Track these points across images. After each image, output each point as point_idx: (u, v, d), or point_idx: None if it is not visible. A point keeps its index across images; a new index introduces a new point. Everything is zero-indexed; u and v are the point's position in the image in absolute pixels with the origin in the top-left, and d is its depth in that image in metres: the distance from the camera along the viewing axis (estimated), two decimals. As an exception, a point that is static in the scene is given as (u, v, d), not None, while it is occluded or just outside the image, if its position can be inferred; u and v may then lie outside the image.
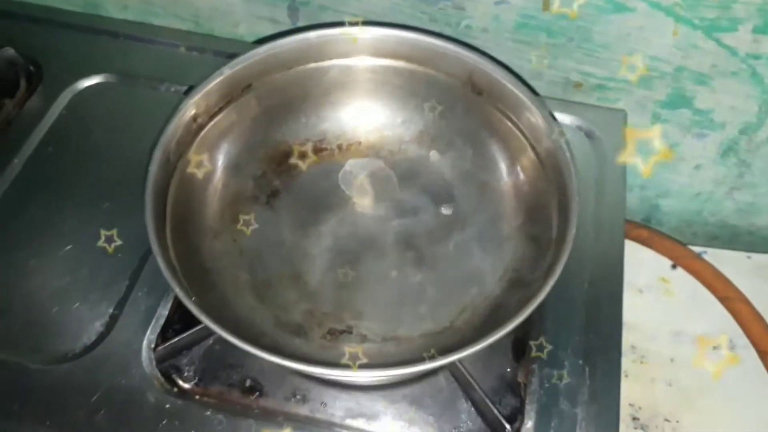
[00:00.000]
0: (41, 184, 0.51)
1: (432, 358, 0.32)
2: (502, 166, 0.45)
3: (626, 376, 0.62)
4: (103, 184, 0.51)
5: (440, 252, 0.44)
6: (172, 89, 0.56)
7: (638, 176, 0.67)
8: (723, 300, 0.61)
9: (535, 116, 0.41)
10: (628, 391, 0.62)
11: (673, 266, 0.67)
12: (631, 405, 0.60)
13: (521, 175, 0.43)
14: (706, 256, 0.66)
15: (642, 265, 0.67)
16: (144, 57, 0.58)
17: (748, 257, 0.67)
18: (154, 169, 0.38)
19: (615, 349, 0.46)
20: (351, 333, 0.41)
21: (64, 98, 0.55)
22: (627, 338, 0.63)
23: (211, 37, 0.62)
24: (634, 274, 0.66)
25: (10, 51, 0.56)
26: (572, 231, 0.36)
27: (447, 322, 0.41)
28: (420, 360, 0.32)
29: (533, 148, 0.42)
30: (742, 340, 0.61)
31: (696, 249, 0.67)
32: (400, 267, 0.44)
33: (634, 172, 0.66)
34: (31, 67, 0.57)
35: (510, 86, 0.42)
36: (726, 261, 0.66)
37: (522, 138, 0.43)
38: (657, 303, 0.65)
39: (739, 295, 0.60)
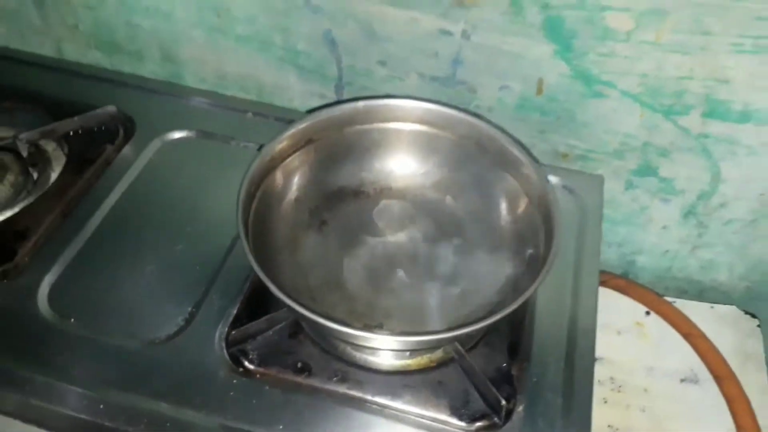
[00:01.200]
0: (136, 213, 0.63)
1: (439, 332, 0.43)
2: (503, 208, 0.58)
3: (605, 402, 0.71)
4: (184, 216, 0.63)
5: (452, 271, 0.56)
6: (241, 145, 0.69)
7: (616, 235, 0.79)
8: (686, 336, 0.71)
9: (528, 170, 0.55)
10: (607, 415, 0.71)
11: (647, 313, 0.78)
12: (609, 426, 0.70)
13: (517, 214, 0.56)
14: (675, 305, 0.78)
15: (620, 311, 0.78)
16: (218, 119, 0.72)
17: (711, 307, 0.78)
18: (243, 192, 0.51)
19: (588, 364, 0.54)
20: (382, 328, 0.53)
21: (153, 147, 0.69)
22: (607, 372, 0.74)
23: (271, 106, 0.76)
24: (613, 318, 0.77)
25: (112, 108, 0.70)
26: (556, 249, 0.48)
27: (458, 322, 0.52)
28: (430, 333, 0.43)
29: (526, 194, 0.55)
30: (705, 372, 0.71)
31: (667, 299, 0.79)
32: (421, 281, 0.56)
33: (612, 232, 0.79)
34: (128, 122, 0.70)
35: (509, 147, 0.56)
36: (693, 310, 0.77)
37: (518, 186, 0.56)
38: (633, 343, 0.76)
39: (699, 333, 0.71)
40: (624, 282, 0.79)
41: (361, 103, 0.59)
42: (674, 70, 0.61)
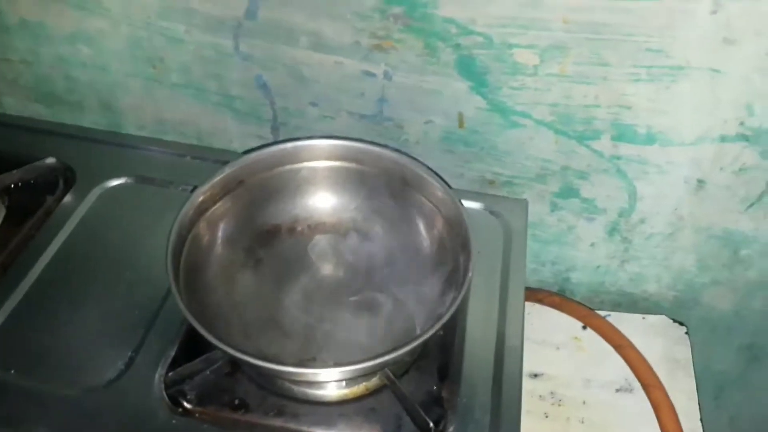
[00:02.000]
0: (76, 261, 0.64)
1: (367, 360, 0.46)
2: (424, 234, 0.61)
3: (546, 416, 0.74)
4: (123, 261, 0.65)
5: (383, 299, 0.59)
6: (180, 188, 0.70)
7: (549, 254, 0.83)
8: (617, 348, 0.75)
9: (443, 197, 0.58)
10: (549, 429, 0.74)
11: (584, 327, 0.81)
12: (550, 439, 0.73)
13: (436, 238, 0.60)
14: (609, 318, 0.81)
15: (557, 327, 0.81)
16: (157, 164, 0.74)
17: (643, 318, 0.82)
18: (173, 238, 0.53)
19: (515, 382, 0.57)
20: (315, 361, 0.55)
21: (93, 196, 0.70)
22: (547, 387, 0.77)
23: (210, 149, 0.78)
24: (550, 334, 0.81)
25: (51, 159, 0.71)
26: (470, 272, 0.51)
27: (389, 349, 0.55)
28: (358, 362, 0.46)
29: (444, 218, 0.58)
30: (637, 382, 0.75)
31: (602, 313, 0.82)
32: (354, 313, 0.58)
33: (545, 251, 0.83)
34: (68, 172, 0.72)
35: (427, 177, 0.59)
36: (626, 321, 0.81)
37: (436, 211, 0.59)
38: (571, 357, 0.79)
39: (628, 343, 0.75)
40: (559, 299, 0.82)
41: (289, 144, 0.62)
42: (581, 99, 0.66)
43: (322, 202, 0.65)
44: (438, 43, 0.64)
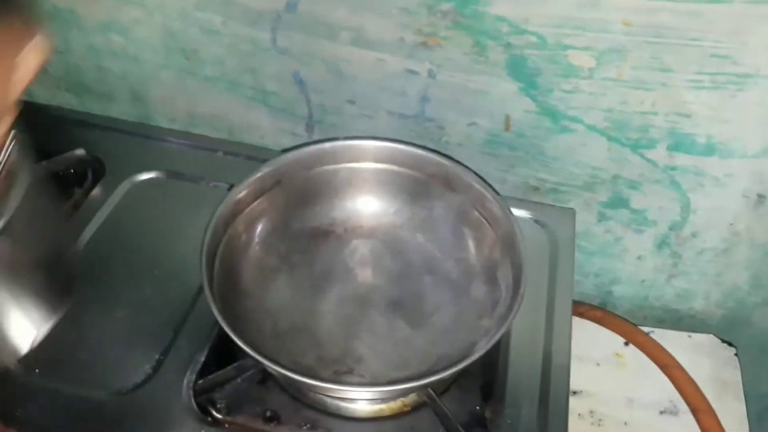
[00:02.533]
0: (104, 257, 0.62)
1: (408, 380, 0.43)
2: (471, 245, 0.58)
3: (586, 436, 0.71)
4: (152, 259, 0.62)
5: (424, 311, 0.56)
6: (211, 184, 0.68)
7: (593, 266, 0.79)
8: (662, 367, 0.71)
9: (494, 206, 0.55)
10: (588, 449, 0.71)
11: (626, 343, 0.77)
12: (590, 461, 0.69)
13: (485, 251, 0.56)
14: (653, 335, 0.77)
15: (598, 342, 0.78)
16: (187, 158, 0.72)
17: (689, 336, 0.78)
18: (208, 237, 0.51)
19: (563, 401, 0.54)
20: (352, 374, 0.52)
21: (122, 189, 0.68)
22: (586, 404, 0.73)
23: (242, 144, 0.76)
24: (591, 349, 0.77)
25: (81, 151, 0.69)
26: (523, 290, 0.48)
27: (429, 365, 0.52)
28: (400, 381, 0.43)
29: (493, 230, 0.55)
30: (684, 404, 0.71)
31: (645, 329, 0.78)
32: (393, 324, 0.55)
33: (588, 262, 0.79)
34: (96, 164, 0.70)
35: (474, 183, 0.56)
36: (670, 339, 0.77)
37: (485, 222, 0.56)
38: (612, 374, 0.75)
39: (675, 363, 0.71)
40: (601, 313, 0.79)
41: (328, 144, 0.59)
42: (638, 105, 0.62)
43: (362, 205, 0.62)
44: (488, 41, 0.61)
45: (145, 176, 0.70)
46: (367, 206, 0.62)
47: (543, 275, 0.63)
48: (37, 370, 0.53)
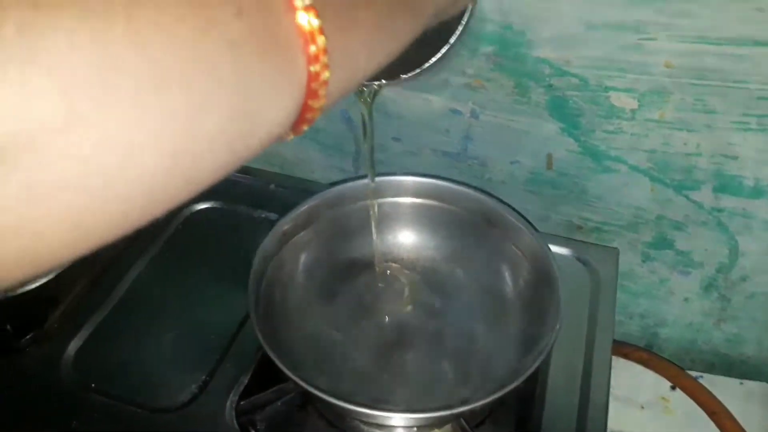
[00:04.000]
0: (159, 281, 0.66)
1: (443, 408, 0.44)
2: (509, 280, 0.59)
3: (627, 482, 0.69)
4: (204, 284, 0.66)
5: (461, 345, 0.57)
6: (263, 215, 0.72)
7: (638, 307, 0.78)
8: (711, 415, 0.69)
9: (532, 242, 0.56)
10: (629, 497, 0.69)
11: (672, 387, 0.76)
12: (631, 508, 0.67)
13: (522, 286, 0.57)
14: (702, 381, 0.75)
15: (643, 385, 0.76)
16: (243, 190, 0.75)
17: (741, 383, 0.76)
18: (256, 264, 0.54)
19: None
20: (388, 402, 0.53)
21: (181, 216, 0.72)
22: (630, 449, 0.72)
23: (293, 178, 0.80)
24: (636, 392, 0.76)
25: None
26: (559, 323, 0.49)
27: (464, 397, 0.52)
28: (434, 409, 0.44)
29: (531, 265, 0.56)
30: (732, 455, 0.69)
31: (693, 374, 0.76)
32: (429, 356, 0.57)
33: (633, 303, 0.78)
34: (158, 194, 0.75)
35: (514, 221, 0.57)
36: (720, 385, 0.75)
37: (523, 258, 0.57)
38: (657, 419, 0.74)
39: (726, 412, 0.68)
40: (647, 354, 0.77)
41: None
42: (681, 147, 0.62)
43: (402, 238, 0.64)
44: (530, 83, 0.63)
45: (203, 205, 0.74)
46: (407, 240, 0.64)
47: (583, 313, 0.63)
48: (93, 384, 0.57)
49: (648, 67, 0.58)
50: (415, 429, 0.53)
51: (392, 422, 0.47)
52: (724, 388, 0.74)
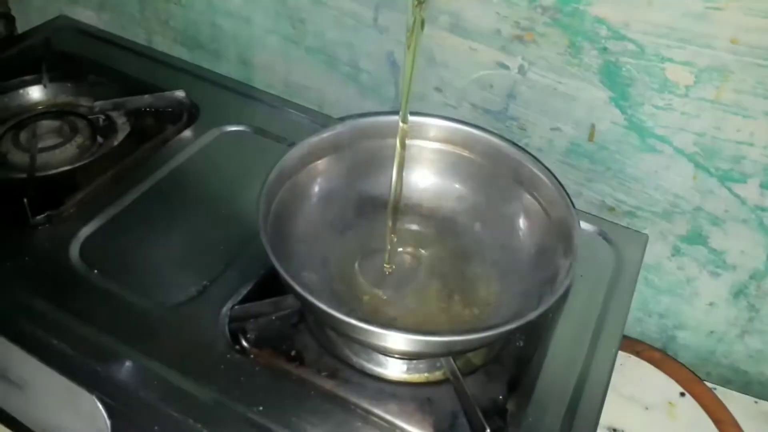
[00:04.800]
0: (179, 189, 0.66)
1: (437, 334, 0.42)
2: (526, 238, 0.57)
3: (618, 479, 0.66)
4: (222, 199, 0.66)
5: (470, 288, 0.55)
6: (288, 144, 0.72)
7: (659, 305, 0.75)
8: (717, 423, 0.65)
9: (555, 196, 0.54)
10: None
11: (682, 394, 0.72)
12: (618, 505, 0.64)
13: (539, 239, 0.55)
14: (716, 392, 0.71)
15: (652, 386, 0.72)
16: (277, 120, 0.75)
17: (756, 402, 0.71)
18: (270, 179, 0.53)
19: (593, 415, 0.51)
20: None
21: (210, 135, 0.73)
22: (625, 447, 0.68)
23: (329, 117, 0.78)
24: (642, 392, 0.72)
25: (181, 93, 0.74)
26: (569, 275, 0.46)
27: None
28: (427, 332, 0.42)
29: (551, 219, 0.54)
30: (734, 468, 0.65)
31: (708, 385, 0.72)
32: (436, 300, 0.55)
33: (654, 300, 0.75)
34: (193, 108, 0.74)
35: (542, 176, 0.55)
36: (734, 401, 0.71)
37: (547, 220, 0.55)
38: (660, 422, 0.70)
39: (732, 421, 0.65)
40: (660, 355, 0.74)
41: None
42: (733, 133, 0.59)
43: (425, 183, 0.62)
44: (584, 43, 0.60)
45: (234, 128, 0.74)
46: (431, 186, 0.62)
47: (599, 291, 0.60)
48: (96, 271, 0.57)
49: (711, 40, 0.55)
50: (405, 366, 0.52)
51: (384, 342, 0.45)
52: (737, 405, 0.70)
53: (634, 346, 0.75)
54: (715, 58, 0.56)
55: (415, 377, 0.51)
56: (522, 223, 0.58)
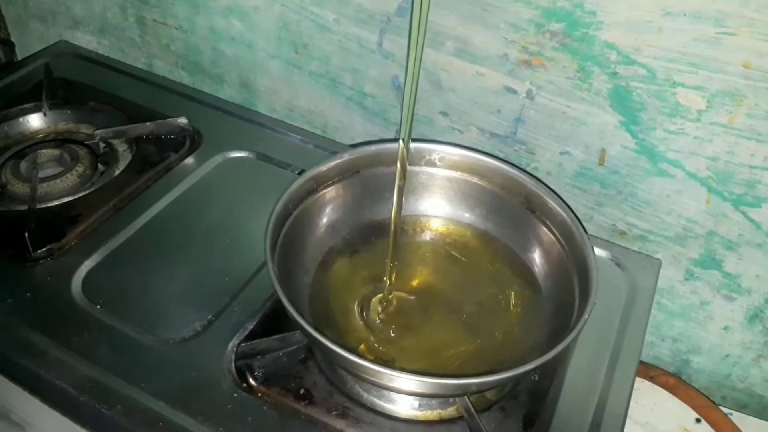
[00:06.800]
0: (183, 218, 0.65)
1: (452, 376, 0.41)
2: (541, 266, 0.55)
3: None
4: (226, 229, 0.64)
5: (481, 322, 0.53)
6: (297, 172, 0.70)
7: (672, 329, 0.73)
8: (736, 452, 0.64)
9: (572, 230, 0.52)
10: None
11: (698, 420, 0.70)
12: None
13: (556, 275, 0.53)
14: (732, 417, 0.70)
15: (667, 413, 0.71)
16: (280, 146, 0.74)
17: (773, 428, 0.70)
18: (278, 208, 0.52)
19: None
20: (393, 365, 0.50)
21: (213, 162, 0.71)
22: (641, 476, 0.67)
23: (333, 141, 0.77)
24: (657, 419, 0.71)
25: (183, 119, 0.73)
26: (586, 313, 0.45)
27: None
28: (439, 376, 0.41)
29: (568, 255, 0.52)
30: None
31: (724, 410, 0.71)
32: (445, 330, 0.53)
33: (667, 324, 0.73)
34: (196, 135, 0.73)
35: (556, 207, 0.54)
36: (750, 426, 0.69)
37: (561, 248, 0.53)
38: (676, 450, 0.69)
39: (752, 450, 0.63)
40: (675, 381, 0.72)
41: (413, 145, 0.59)
42: (747, 158, 0.58)
43: (435, 209, 0.61)
44: (594, 67, 0.59)
45: (237, 154, 0.73)
46: (441, 211, 0.61)
47: (614, 319, 0.59)
48: (99, 306, 0.56)
49: (723, 65, 0.54)
50: (417, 403, 0.50)
51: (395, 384, 0.44)
52: (753, 430, 0.68)
53: (647, 371, 0.73)
54: (727, 82, 0.55)
55: (428, 414, 0.50)
56: (535, 252, 0.56)
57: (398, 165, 0.51)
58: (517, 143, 0.68)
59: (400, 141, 0.50)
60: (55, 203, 0.64)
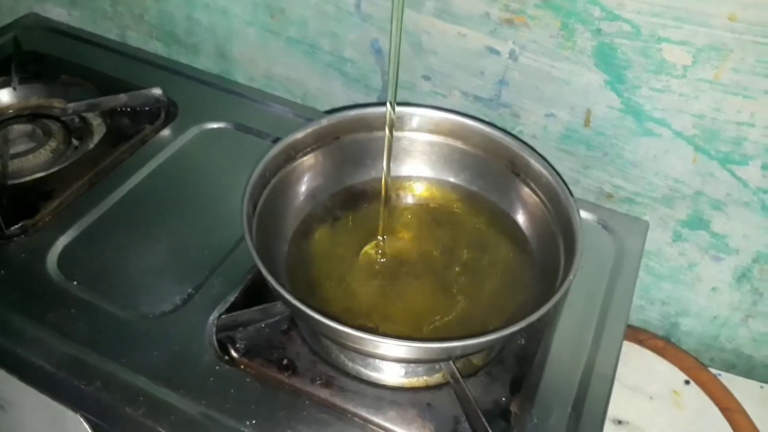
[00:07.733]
0: (159, 191, 0.63)
1: (436, 340, 0.40)
2: (526, 228, 0.54)
3: (625, 471, 0.65)
4: (204, 201, 0.63)
5: (465, 284, 0.52)
6: (273, 141, 0.69)
7: (660, 292, 0.73)
8: (724, 410, 0.64)
9: (557, 192, 0.51)
10: (625, 487, 0.64)
11: (687, 382, 0.70)
12: (625, 498, 0.63)
13: (540, 236, 0.52)
14: (720, 378, 0.70)
15: (656, 375, 0.71)
16: (259, 115, 0.72)
17: (761, 387, 0.70)
18: (255, 177, 0.50)
19: (599, 414, 0.49)
20: (377, 331, 0.49)
21: (190, 133, 0.69)
22: (631, 438, 0.67)
23: (313, 110, 0.76)
24: (647, 382, 0.71)
25: (158, 90, 0.70)
26: (572, 272, 0.44)
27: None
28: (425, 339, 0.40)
29: (553, 216, 0.51)
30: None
31: (712, 371, 0.71)
32: (429, 294, 0.52)
33: (656, 287, 0.73)
34: (171, 106, 0.71)
35: (539, 167, 0.53)
36: (739, 386, 0.69)
37: (545, 210, 0.52)
38: (665, 412, 0.68)
39: (739, 408, 0.63)
40: (663, 343, 0.72)
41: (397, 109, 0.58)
42: (734, 114, 0.57)
43: (417, 174, 0.60)
44: (577, 25, 0.58)
45: (215, 125, 0.71)
46: (423, 176, 0.60)
47: (601, 282, 0.58)
48: (75, 282, 0.54)
49: (709, 18, 0.53)
50: (403, 370, 0.50)
51: (379, 350, 0.43)
52: (742, 390, 0.69)
53: (636, 334, 0.73)
54: (713, 36, 0.53)
55: (414, 381, 0.49)
56: (520, 214, 0.55)
57: (387, 114, 0.49)
58: (501, 106, 0.66)
59: (388, 104, 0.49)
60: (27, 179, 0.62)
